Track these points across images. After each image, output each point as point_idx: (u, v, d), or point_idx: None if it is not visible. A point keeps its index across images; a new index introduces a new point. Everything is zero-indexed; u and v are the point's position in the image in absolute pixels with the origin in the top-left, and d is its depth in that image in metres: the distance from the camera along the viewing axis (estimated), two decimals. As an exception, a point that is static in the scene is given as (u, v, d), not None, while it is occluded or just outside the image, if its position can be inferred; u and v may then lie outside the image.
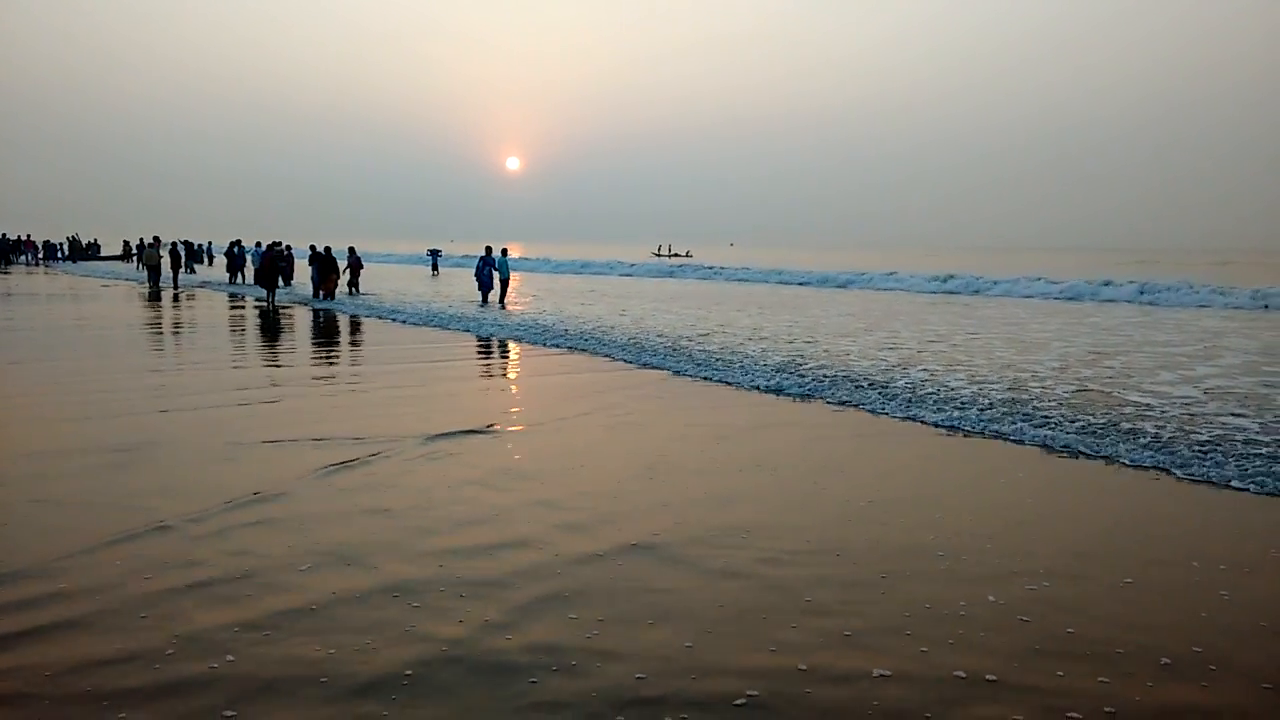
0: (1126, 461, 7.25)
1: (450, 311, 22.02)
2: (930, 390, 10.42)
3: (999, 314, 23.35)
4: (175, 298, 27.87)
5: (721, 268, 49.13)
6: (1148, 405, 9.47)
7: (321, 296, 26.27)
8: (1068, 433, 8.22)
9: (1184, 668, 3.71)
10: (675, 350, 14.31)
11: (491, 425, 8.47)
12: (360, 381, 11.54)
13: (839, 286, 38.36)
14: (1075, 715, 3.33)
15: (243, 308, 23.91)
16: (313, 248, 27.59)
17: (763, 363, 12.68)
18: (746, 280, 43.33)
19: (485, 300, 25.33)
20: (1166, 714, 3.36)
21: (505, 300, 25.20)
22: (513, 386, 11.61)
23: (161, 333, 17.66)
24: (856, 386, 10.68)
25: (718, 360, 13.00)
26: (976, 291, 33.35)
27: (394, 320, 20.20)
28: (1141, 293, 29.30)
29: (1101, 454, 7.48)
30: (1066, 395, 10.10)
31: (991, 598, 4.41)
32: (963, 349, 14.63)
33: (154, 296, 28.23)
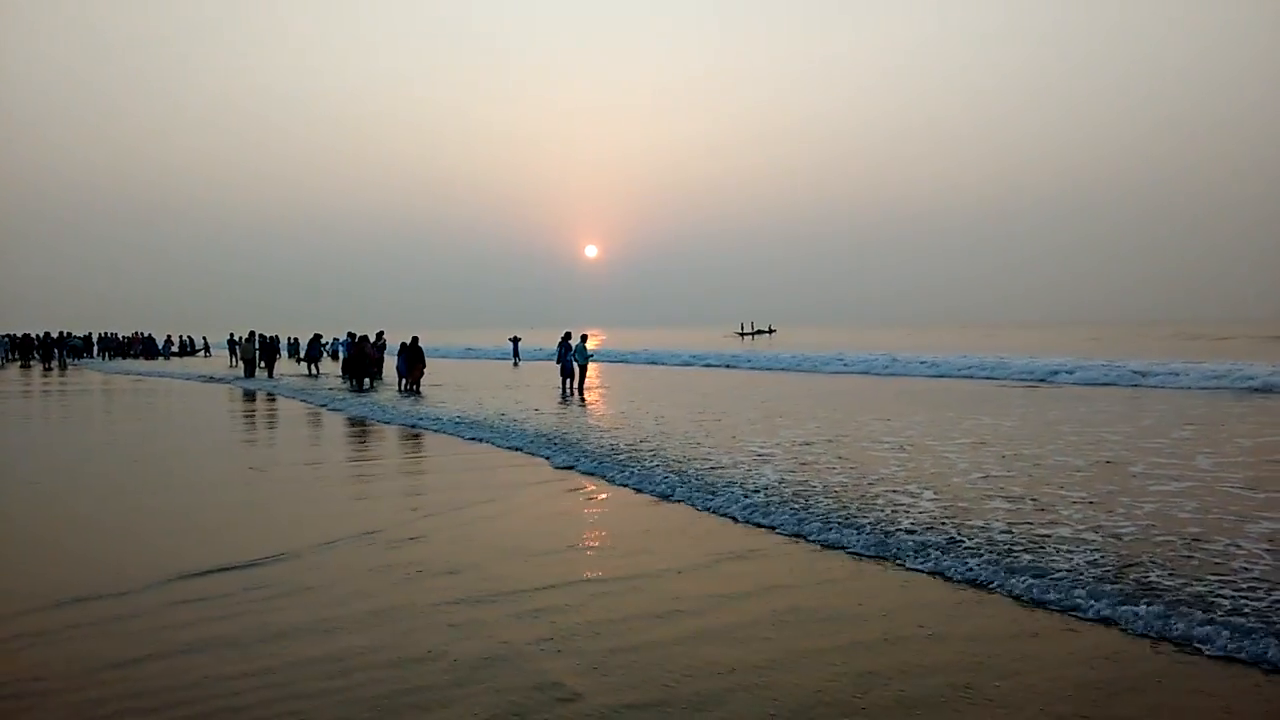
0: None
1: (517, 422, 17.45)
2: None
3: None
4: (270, 395, 27.34)
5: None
6: None
7: (407, 386, 25.70)
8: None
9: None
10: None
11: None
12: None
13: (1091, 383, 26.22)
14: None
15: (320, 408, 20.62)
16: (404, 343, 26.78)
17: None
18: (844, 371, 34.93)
19: (565, 390, 23.82)
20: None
21: (583, 388, 24.02)
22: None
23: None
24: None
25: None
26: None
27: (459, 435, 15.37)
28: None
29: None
30: None
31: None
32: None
33: (249, 395, 27.97)
